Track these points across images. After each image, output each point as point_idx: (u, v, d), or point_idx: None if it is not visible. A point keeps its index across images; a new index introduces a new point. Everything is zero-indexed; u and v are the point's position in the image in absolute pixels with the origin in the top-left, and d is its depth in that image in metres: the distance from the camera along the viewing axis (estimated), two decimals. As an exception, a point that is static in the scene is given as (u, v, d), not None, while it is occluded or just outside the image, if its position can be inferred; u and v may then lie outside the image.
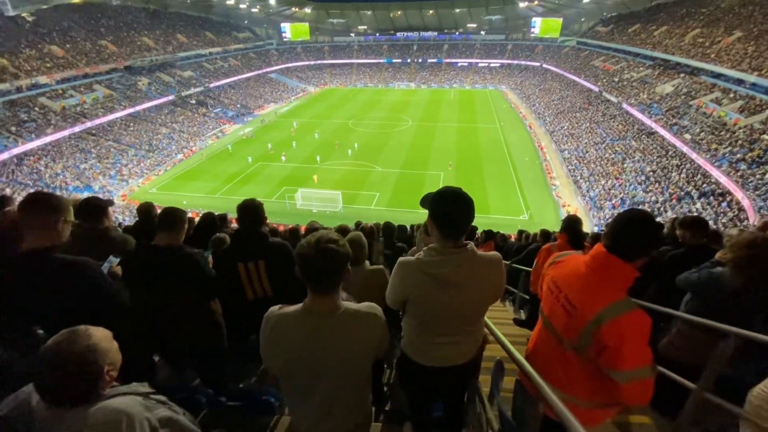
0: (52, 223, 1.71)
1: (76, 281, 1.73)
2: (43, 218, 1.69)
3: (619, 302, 1.39)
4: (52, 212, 1.71)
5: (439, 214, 1.55)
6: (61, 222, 1.75)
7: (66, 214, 1.77)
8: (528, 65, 61.28)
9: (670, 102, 29.83)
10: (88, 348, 1.15)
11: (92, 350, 1.16)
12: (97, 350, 1.17)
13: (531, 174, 28.64)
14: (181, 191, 26.72)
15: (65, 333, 1.16)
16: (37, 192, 1.80)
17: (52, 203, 1.73)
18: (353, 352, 1.42)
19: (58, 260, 1.71)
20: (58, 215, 1.73)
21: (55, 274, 1.69)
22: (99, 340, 1.19)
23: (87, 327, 1.20)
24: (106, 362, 1.19)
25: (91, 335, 1.18)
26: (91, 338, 1.17)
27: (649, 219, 1.42)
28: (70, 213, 1.81)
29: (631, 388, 1.38)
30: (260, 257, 2.52)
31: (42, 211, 1.69)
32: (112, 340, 1.25)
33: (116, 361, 1.24)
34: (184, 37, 52.21)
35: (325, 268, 1.32)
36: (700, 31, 34.50)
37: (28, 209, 1.69)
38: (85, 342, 1.16)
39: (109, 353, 1.21)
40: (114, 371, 1.23)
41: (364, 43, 72.73)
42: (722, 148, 21.44)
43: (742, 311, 2.16)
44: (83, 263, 1.78)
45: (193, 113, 41.92)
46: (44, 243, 1.69)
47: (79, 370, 1.13)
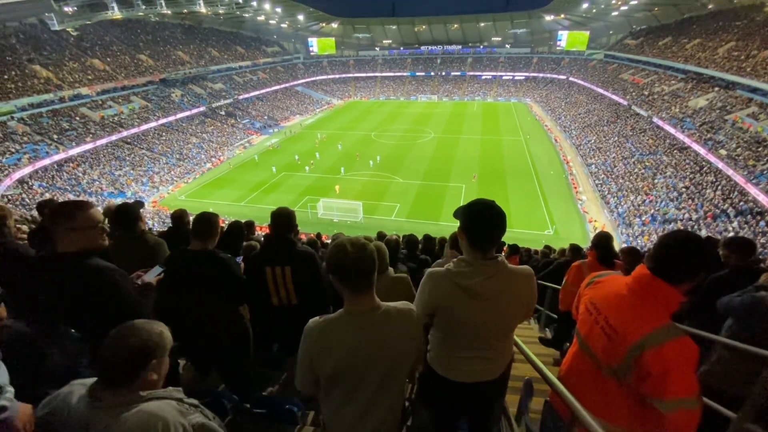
0: (85, 229, 1.76)
1: (100, 288, 1.76)
2: (76, 224, 1.74)
3: (664, 328, 1.33)
4: (88, 219, 1.76)
5: (468, 226, 1.55)
6: (95, 229, 1.80)
7: (102, 221, 1.85)
8: (554, 78, 60.56)
9: (704, 116, 28.74)
10: (160, 332, 1.30)
11: (162, 335, 1.30)
12: (159, 342, 1.29)
13: (556, 188, 28.02)
14: (208, 199, 27.56)
15: (140, 321, 1.30)
16: (78, 200, 1.87)
17: (90, 210, 1.79)
18: (399, 348, 1.46)
19: (89, 265, 1.76)
20: (92, 222, 1.78)
21: (82, 279, 1.73)
22: (163, 336, 1.31)
23: (162, 324, 1.34)
24: (157, 355, 1.28)
25: (163, 326, 1.34)
26: (164, 327, 1.33)
27: (698, 241, 1.35)
28: (105, 221, 1.89)
29: (675, 419, 1.31)
30: (287, 263, 2.56)
31: (77, 217, 1.74)
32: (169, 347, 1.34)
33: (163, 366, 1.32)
34: (216, 51, 54.51)
35: (362, 266, 1.37)
36: (734, 44, 33.30)
37: (64, 214, 1.74)
38: (160, 328, 1.31)
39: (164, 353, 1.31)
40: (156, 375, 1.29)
41: (389, 56, 73.85)
42: (760, 165, 20.41)
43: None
44: (112, 271, 1.81)
45: (222, 124, 43.44)
46: (76, 247, 1.74)
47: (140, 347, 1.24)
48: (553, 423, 1.76)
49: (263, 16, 58.05)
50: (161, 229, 13.14)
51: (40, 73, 32.60)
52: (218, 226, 2.51)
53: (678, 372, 1.29)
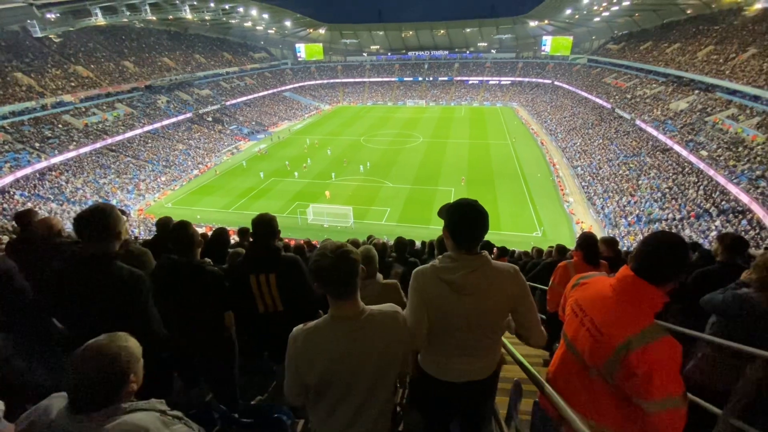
0: (112, 233, 1.82)
1: (132, 292, 1.81)
2: (102, 227, 1.79)
3: (648, 328, 1.34)
4: (113, 222, 1.81)
5: (452, 225, 1.58)
6: (118, 233, 1.85)
7: (121, 225, 1.85)
8: (539, 83, 61.58)
9: (685, 118, 29.51)
10: (125, 350, 1.21)
11: (127, 353, 1.22)
12: (131, 355, 1.23)
13: (544, 190, 28.40)
14: (195, 206, 27.21)
15: (105, 335, 1.23)
16: (99, 204, 1.88)
17: (114, 214, 1.83)
18: (386, 352, 1.46)
19: (121, 268, 1.82)
20: (117, 225, 1.83)
21: (117, 281, 1.78)
22: (134, 347, 1.25)
23: (126, 334, 1.27)
24: (133, 370, 1.22)
25: (128, 340, 1.25)
26: (128, 342, 1.24)
27: (680, 243, 1.37)
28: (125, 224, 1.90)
29: (660, 419, 1.32)
30: (272, 270, 2.53)
31: (103, 220, 1.79)
32: (141, 355, 1.29)
33: (140, 375, 1.27)
34: (202, 58, 54.12)
35: (345, 272, 1.37)
36: (713, 48, 34.34)
37: (90, 218, 1.78)
38: (123, 344, 1.22)
39: (138, 363, 1.25)
40: (136, 384, 1.25)
41: (376, 62, 74.26)
42: (741, 165, 21.01)
43: (770, 334, 2.08)
44: (142, 276, 1.87)
45: (209, 130, 43.05)
46: (104, 250, 1.79)
47: (112, 367, 1.17)
48: (543, 424, 1.76)
49: (250, 23, 57.92)
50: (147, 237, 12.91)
51: (22, 80, 31.94)
52: (195, 235, 2.45)
53: (662, 372, 1.30)
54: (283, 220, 24.01)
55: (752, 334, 2.08)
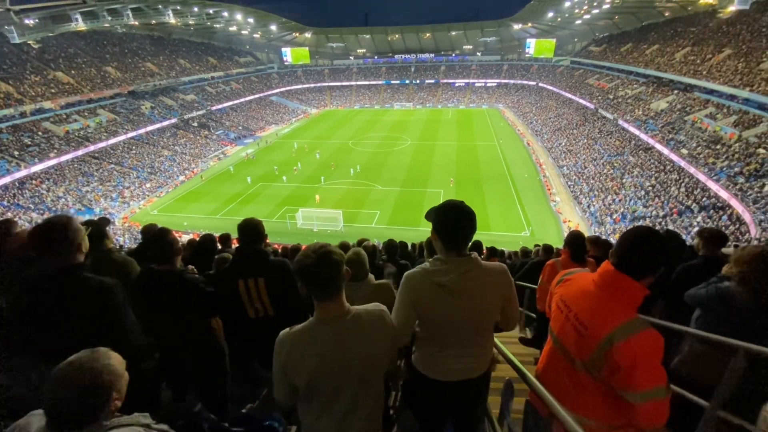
0: (73, 245, 1.74)
1: (104, 302, 1.75)
2: (62, 239, 1.72)
3: (630, 322, 1.37)
4: (73, 234, 1.75)
5: (441, 226, 1.60)
6: (79, 245, 1.78)
7: (81, 236, 1.79)
8: (524, 84, 62.46)
9: (666, 117, 30.26)
10: (107, 368, 1.16)
11: (109, 371, 1.17)
12: (114, 372, 1.18)
13: (531, 190, 28.76)
14: (182, 212, 26.80)
15: (86, 351, 1.18)
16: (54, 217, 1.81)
17: (72, 226, 1.76)
18: (372, 351, 1.47)
19: (88, 279, 1.75)
20: (77, 236, 1.76)
21: (86, 292, 1.72)
22: (117, 363, 1.21)
23: (108, 349, 1.22)
24: (116, 387, 1.18)
25: (111, 357, 1.20)
26: (111, 359, 1.19)
27: (658, 237, 1.40)
28: (85, 235, 1.84)
29: (646, 409, 1.35)
30: (260, 275, 2.51)
31: (61, 233, 1.72)
32: (125, 369, 1.24)
33: (123, 391, 1.23)
34: (186, 62, 53.50)
35: (327, 272, 1.38)
36: (690, 49, 35.33)
37: (48, 231, 1.71)
38: (105, 361, 1.17)
39: (121, 380, 1.21)
40: (119, 401, 1.21)
41: (363, 65, 74.44)
42: (719, 162, 21.61)
43: (752, 326, 2.13)
44: (113, 285, 1.80)
45: (195, 135, 42.52)
46: (68, 263, 1.72)
47: (93, 387, 1.12)
48: (534, 422, 1.78)
49: (235, 27, 57.57)
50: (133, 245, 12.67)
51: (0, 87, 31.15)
52: (175, 242, 2.40)
53: (645, 364, 1.33)
54: (272, 225, 23.83)
55: (734, 327, 2.12)
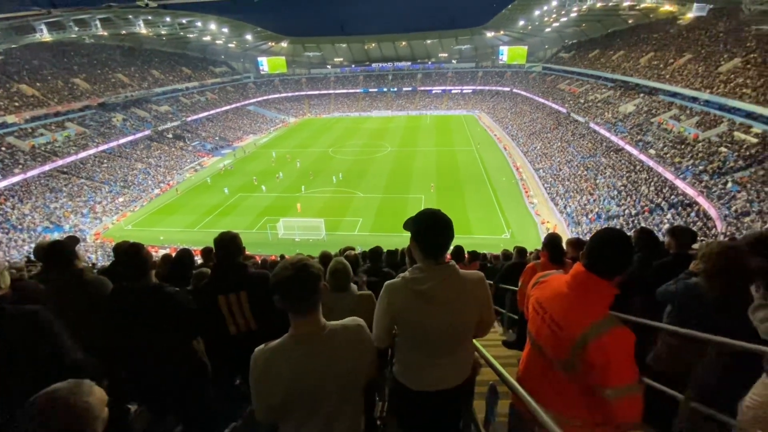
0: None
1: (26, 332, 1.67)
2: None
3: (602, 320, 1.42)
4: None
5: (419, 235, 1.61)
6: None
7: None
8: (499, 90, 63.95)
9: (633, 120, 31.54)
10: (87, 406, 1.06)
11: (89, 410, 1.06)
12: (93, 412, 1.08)
13: (509, 193, 29.34)
14: (158, 227, 26.03)
15: (70, 382, 1.09)
16: None
17: None
18: (349, 368, 1.45)
19: (6, 310, 1.67)
20: None
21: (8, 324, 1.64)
22: (98, 402, 1.11)
23: (92, 384, 1.13)
24: (93, 428, 1.07)
25: (93, 393, 1.10)
26: (92, 396, 1.09)
27: (624, 238, 1.47)
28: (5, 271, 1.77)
29: (620, 406, 1.40)
30: (241, 288, 2.45)
31: None
32: (105, 406, 1.14)
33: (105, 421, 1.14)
34: (159, 73, 52.37)
35: (304, 286, 1.36)
36: (653, 54, 37.06)
37: None
38: (86, 398, 1.07)
39: (99, 419, 1.10)
40: None
41: (341, 74, 74.67)
42: (685, 161, 22.64)
43: (719, 320, 2.22)
44: (34, 312, 1.73)
45: (170, 147, 41.53)
46: None
47: (69, 427, 1.03)
48: (519, 424, 1.80)
49: (209, 37, 56.83)
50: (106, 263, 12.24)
51: (-43, 101, 29.66)
52: (146, 258, 2.33)
53: (617, 361, 1.37)
54: (253, 236, 23.45)
55: (703, 321, 2.21)
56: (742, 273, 2.23)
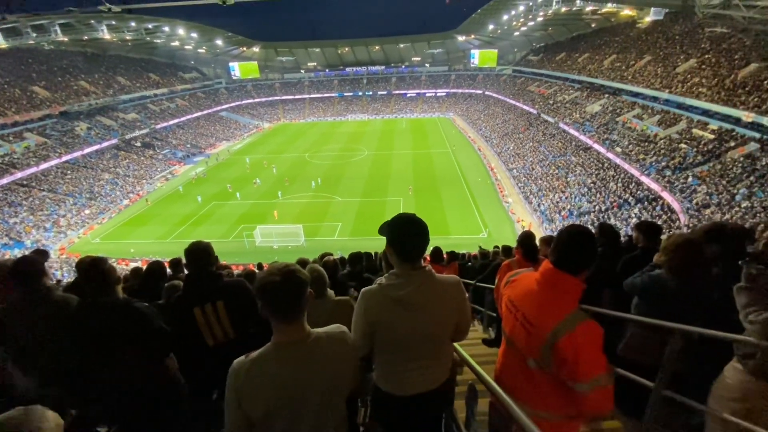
0: None
1: None
2: None
3: (571, 316, 1.45)
4: None
5: (395, 240, 1.60)
6: None
7: None
8: (471, 93, 65.20)
9: (600, 119, 32.82)
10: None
11: None
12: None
13: (485, 193, 29.91)
14: (128, 239, 25.07)
15: (19, 410, 1.02)
16: None
17: None
18: (334, 376, 1.42)
19: None
20: None
21: None
22: (53, 428, 1.04)
23: (45, 409, 1.07)
24: None
25: (46, 419, 1.03)
26: (45, 422, 1.02)
27: (589, 234, 1.51)
28: None
29: (591, 398, 1.44)
30: (218, 298, 2.39)
31: None
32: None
33: None
34: (125, 80, 50.57)
35: (292, 292, 1.32)
36: (616, 56, 38.72)
37: None
38: (38, 424, 1.01)
39: None
40: None
41: (315, 78, 74.27)
42: (649, 158, 23.71)
43: (683, 309, 2.33)
44: None
45: (139, 156, 40.12)
46: None
47: None
48: (498, 421, 1.82)
49: (177, 42, 55.33)
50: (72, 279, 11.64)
51: None
52: (110, 272, 2.23)
53: (587, 355, 1.41)
54: (229, 245, 22.94)
55: (668, 311, 2.31)
56: (700, 262, 2.36)
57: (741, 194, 16.94)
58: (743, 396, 1.87)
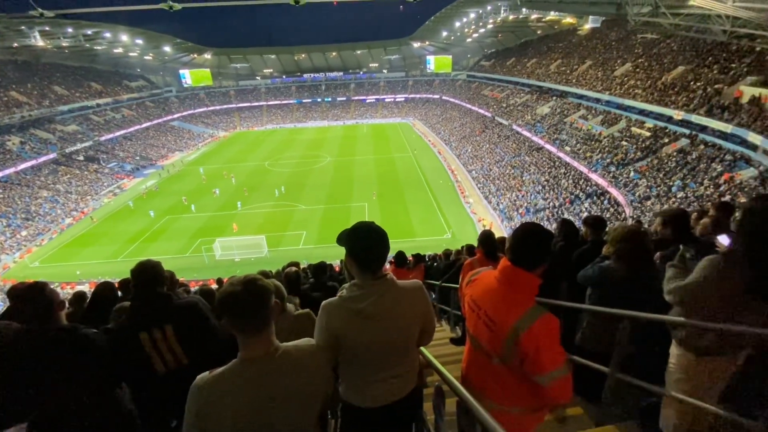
0: None
1: None
2: None
3: (530, 311, 1.50)
4: None
5: (354, 250, 1.55)
6: None
7: None
8: (429, 98, 66.70)
9: (549, 121, 34.67)
10: None
11: None
12: None
13: (447, 195, 30.59)
14: (72, 260, 23.21)
15: None
16: None
17: None
18: (306, 391, 1.35)
19: None
20: None
21: None
22: None
23: None
24: None
25: None
26: None
27: (538, 231, 1.57)
28: None
29: (553, 389, 1.49)
30: (166, 321, 2.23)
31: None
32: None
33: None
34: (63, 89, 47.01)
35: (255, 302, 1.25)
36: (561, 61, 41.16)
37: None
38: None
39: None
40: None
41: (272, 85, 72.85)
42: (595, 156, 25.32)
43: (632, 296, 2.47)
44: None
45: (81, 171, 37.36)
46: None
47: None
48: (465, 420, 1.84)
49: (121, 49, 52.28)
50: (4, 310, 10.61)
51: None
52: (53, 296, 2.04)
53: (546, 348, 1.47)
54: (187, 260, 21.90)
55: (617, 299, 2.45)
56: (643, 250, 2.52)
57: (676, 186, 18.49)
58: (686, 376, 2.01)
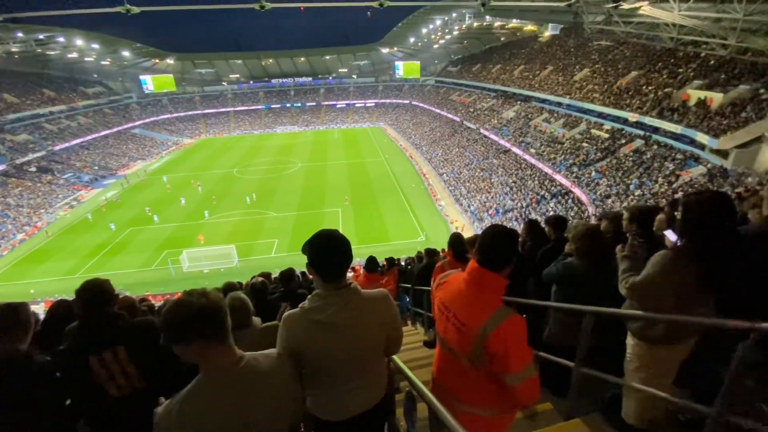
0: None
1: None
2: None
3: (497, 312, 1.52)
4: None
5: (315, 260, 1.51)
6: None
7: None
8: (399, 103, 67.34)
9: (515, 124, 35.83)
10: None
11: None
12: None
13: (419, 198, 30.92)
14: (26, 278, 21.72)
15: None
16: None
17: None
18: (274, 405, 1.30)
19: None
20: None
21: None
22: None
23: None
24: None
25: None
26: None
27: (504, 232, 1.61)
28: None
29: (522, 389, 1.52)
30: (117, 343, 2.07)
31: None
32: None
33: None
34: (13, 96, 44.04)
35: (212, 311, 1.20)
36: (524, 67, 42.69)
37: None
38: None
39: None
40: None
41: (239, 91, 71.28)
42: (558, 157, 26.36)
43: (593, 291, 2.57)
44: None
45: (34, 183, 35.05)
46: None
47: None
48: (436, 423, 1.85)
49: (75, 54, 49.59)
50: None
51: None
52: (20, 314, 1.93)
53: (514, 349, 1.49)
54: (152, 273, 21.04)
55: (581, 294, 2.55)
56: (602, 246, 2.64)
57: (634, 184, 19.53)
58: (642, 364, 2.10)
